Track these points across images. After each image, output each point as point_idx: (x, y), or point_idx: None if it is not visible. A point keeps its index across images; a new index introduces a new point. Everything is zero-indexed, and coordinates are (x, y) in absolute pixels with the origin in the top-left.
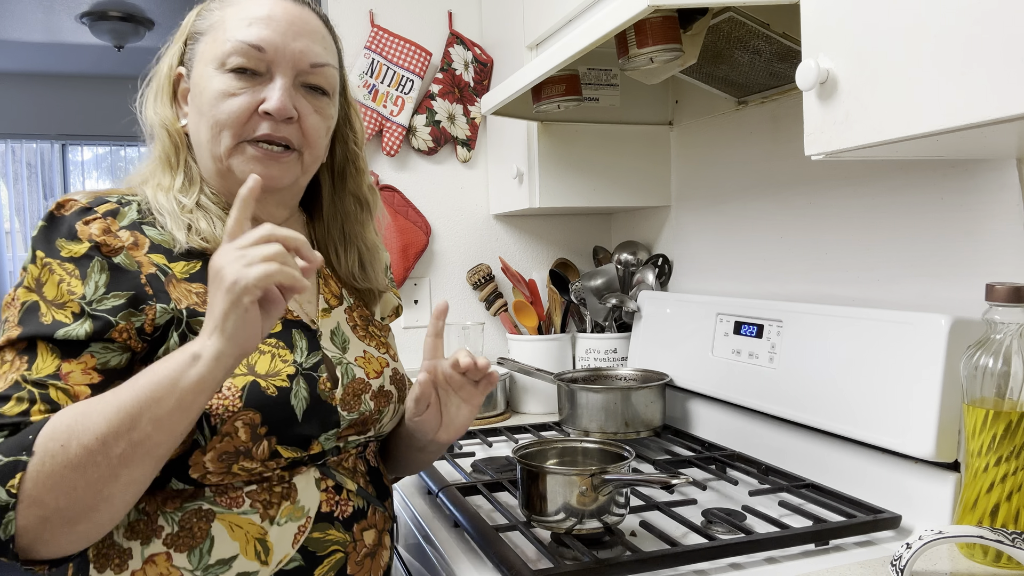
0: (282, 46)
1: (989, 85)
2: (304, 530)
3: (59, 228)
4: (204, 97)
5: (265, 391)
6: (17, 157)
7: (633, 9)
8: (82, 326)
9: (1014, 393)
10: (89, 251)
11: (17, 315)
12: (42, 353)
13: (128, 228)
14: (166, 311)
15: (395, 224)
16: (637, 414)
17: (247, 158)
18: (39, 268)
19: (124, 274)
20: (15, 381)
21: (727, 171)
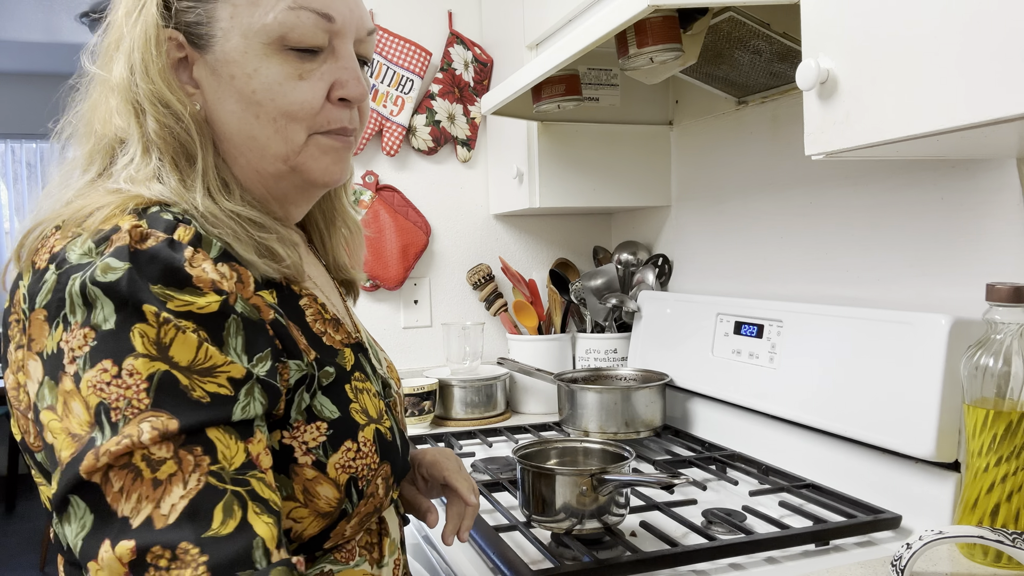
0: (347, 12)
1: (989, 85)
2: (399, 563)
3: (154, 267)
4: (256, 82)
5: (385, 437)
6: (17, 157)
7: (633, 9)
8: (252, 400)
9: (1014, 393)
10: (222, 307)
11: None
12: (219, 439)
13: (222, 259)
14: (299, 367)
15: (395, 224)
16: (637, 414)
17: (319, 151)
18: (155, 326)
19: (254, 328)
20: (206, 484)
21: (727, 171)
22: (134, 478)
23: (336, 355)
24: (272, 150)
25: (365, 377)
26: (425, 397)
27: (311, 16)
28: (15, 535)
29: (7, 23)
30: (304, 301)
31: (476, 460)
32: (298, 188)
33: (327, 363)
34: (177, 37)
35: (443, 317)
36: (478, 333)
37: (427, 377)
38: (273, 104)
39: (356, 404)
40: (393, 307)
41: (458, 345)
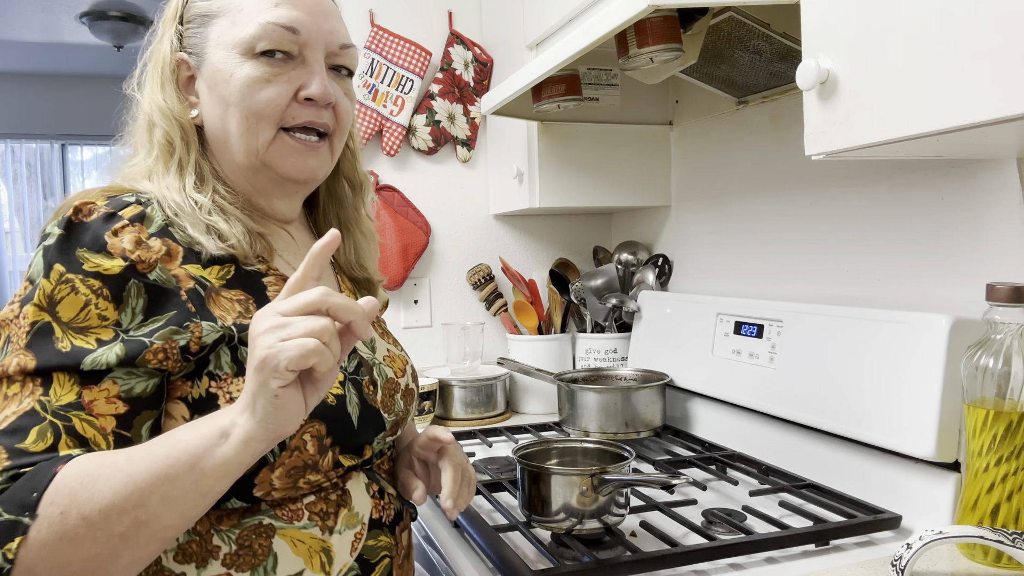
0: (314, 26)
1: (989, 85)
2: (360, 537)
3: (81, 237)
4: (232, 85)
5: (325, 401)
6: (17, 157)
7: (633, 9)
8: (111, 351)
9: (1014, 393)
10: (124, 271)
11: (25, 336)
12: (58, 378)
13: (158, 235)
14: (214, 329)
15: (395, 224)
16: (637, 414)
17: (287, 150)
18: (53, 283)
19: (163, 294)
20: (31, 409)
21: (727, 171)
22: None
23: None
24: (243, 145)
25: None
26: (425, 397)
27: (277, 29)
28: None
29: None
30: (269, 279)
31: (476, 460)
32: (274, 182)
33: None
34: (186, 59)
35: (443, 317)
36: (478, 333)
37: (427, 377)
38: (244, 103)
39: None
40: (393, 307)
41: (458, 345)
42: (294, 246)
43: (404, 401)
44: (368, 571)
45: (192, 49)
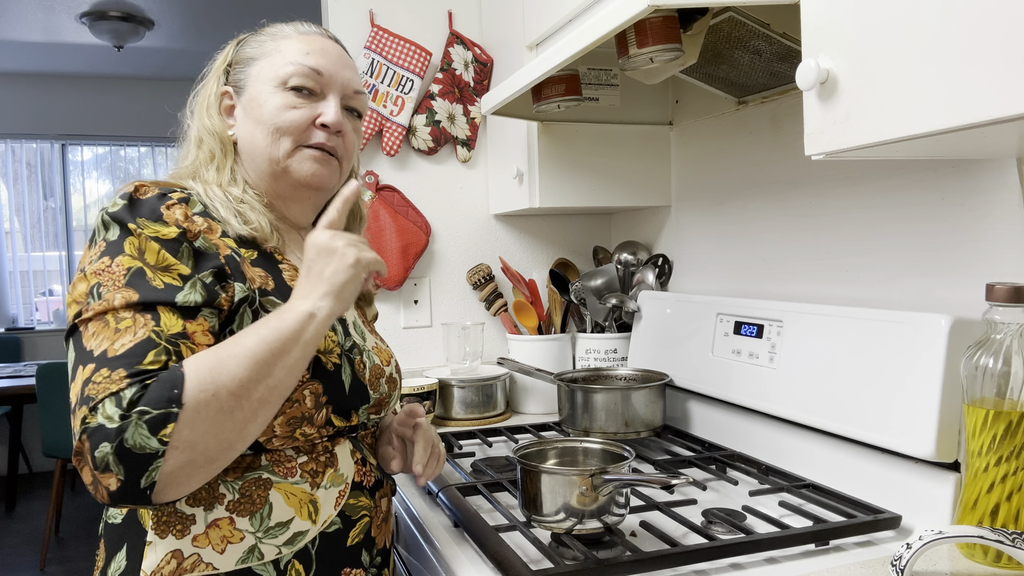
0: (335, 73)
1: (989, 85)
2: (344, 495)
3: (141, 209)
4: (265, 109)
5: (324, 365)
6: (17, 157)
7: (633, 9)
8: (194, 292)
9: (1014, 393)
10: (179, 236)
11: (123, 279)
12: (164, 314)
13: (200, 215)
14: (243, 289)
15: (395, 224)
16: (637, 414)
17: (304, 158)
18: (136, 238)
19: (206, 256)
20: (148, 337)
21: (727, 171)
22: (103, 327)
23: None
24: (270, 155)
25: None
26: (425, 397)
27: (306, 68)
28: (15, 535)
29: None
30: (283, 265)
31: (476, 460)
32: (292, 187)
33: (278, 299)
34: (229, 91)
35: (443, 317)
36: (478, 333)
37: (427, 377)
38: (272, 122)
39: None
40: (393, 307)
41: (458, 345)
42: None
43: (388, 386)
44: (349, 526)
45: (236, 84)
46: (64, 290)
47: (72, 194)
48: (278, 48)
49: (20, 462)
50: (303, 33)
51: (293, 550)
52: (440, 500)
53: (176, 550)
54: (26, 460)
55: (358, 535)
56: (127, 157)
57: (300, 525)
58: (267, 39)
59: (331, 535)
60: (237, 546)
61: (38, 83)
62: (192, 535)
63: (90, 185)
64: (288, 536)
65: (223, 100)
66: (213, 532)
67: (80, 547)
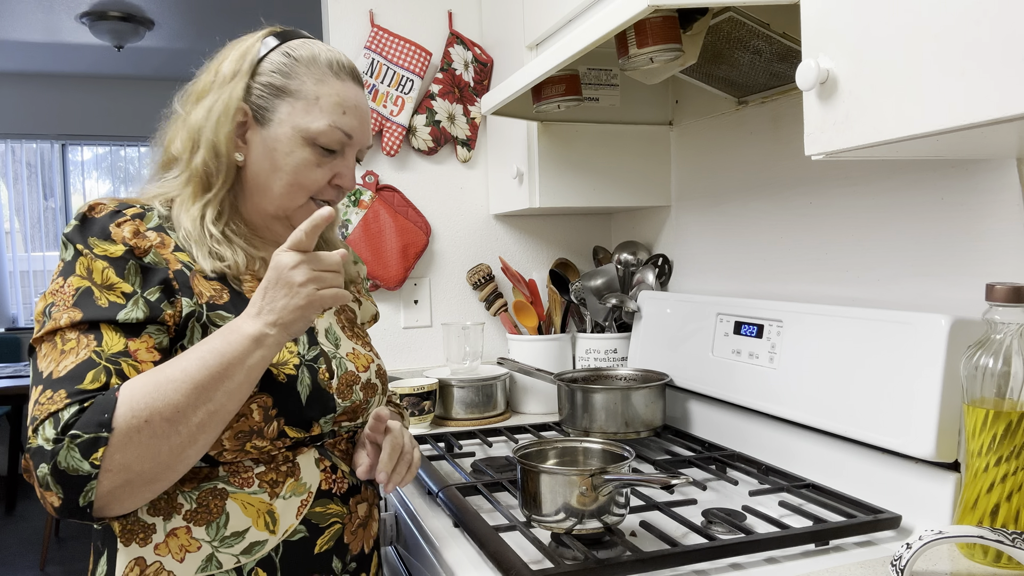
0: (360, 134)
1: (989, 85)
2: (306, 504)
3: (92, 228)
4: (288, 160)
5: (276, 377)
6: (17, 157)
7: (633, 9)
8: (136, 310)
9: (1014, 393)
10: (124, 254)
11: (72, 299)
12: (107, 332)
13: (155, 229)
14: (190, 304)
15: (395, 224)
16: (637, 414)
17: (309, 209)
18: (86, 259)
19: (154, 271)
20: (88, 357)
21: (727, 171)
22: (52, 348)
23: None
24: (278, 202)
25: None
26: (425, 397)
27: (340, 133)
28: (15, 535)
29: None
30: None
31: (476, 460)
32: (286, 228)
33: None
34: (248, 110)
35: (443, 317)
36: (478, 333)
37: (427, 377)
38: (294, 176)
39: None
40: (393, 307)
41: (458, 345)
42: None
43: (364, 393)
44: (317, 534)
45: (257, 108)
46: None
47: (72, 194)
48: (316, 95)
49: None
50: (340, 77)
51: (253, 559)
52: (440, 500)
53: (139, 557)
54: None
55: (327, 542)
56: (127, 157)
57: (257, 535)
58: (304, 72)
59: (296, 543)
60: (195, 555)
61: (38, 83)
62: (153, 543)
63: (90, 185)
64: (244, 545)
65: (237, 116)
66: (172, 541)
67: (80, 547)
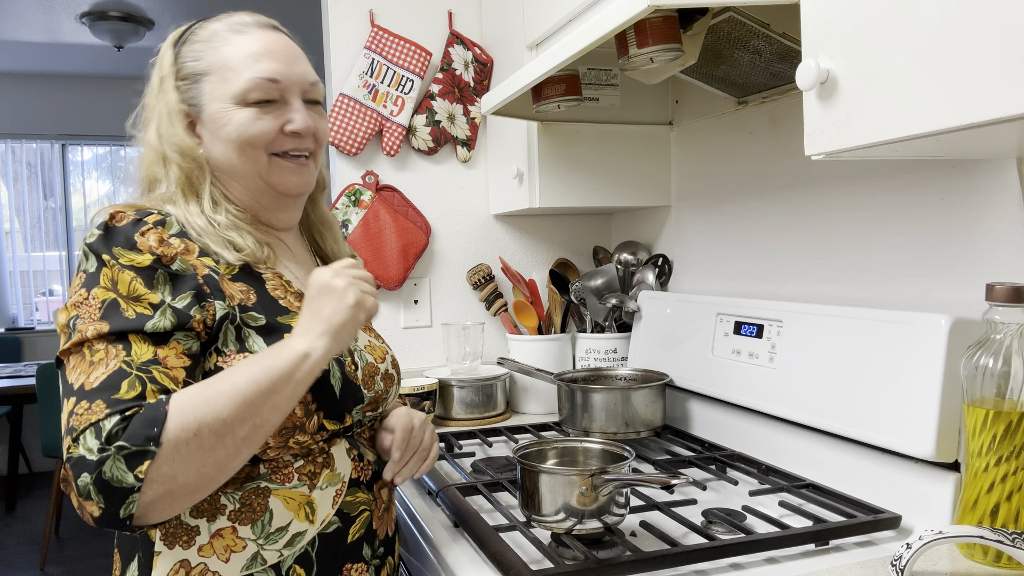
0: (289, 73)
1: (989, 85)
2: (341, 493)
3: (116, 238)
4: (230, 128)
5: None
6: (17, 157)
7: (633, 9)
8: (164, 319)
9: (1014, 393)
10: (152, 263)
11: (99, 311)
12: (135, 342)
13: (177, 236)
14: (223, 307)
15: (395, 224)
16: (637, 414)
17: (284, 171)
18: (110, 269)
19: (183, 279)
20: (119, 368)
21: (727, 171)
22: (80, 360)
23: (284, 312)
24: (247, 170)
25: None
26: (425, 397)
27: (261, 80)
28: (15, 535)
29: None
30: (267, 275)
31: (476, 460)
32: (275, 198)
33: (259, 313)
34: (186, 109)
35: (443, 317)
36: (478, 333)
37: (427, 377)
38: (241, 138)
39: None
40: (393, 307)
41: (458, 345)
42: (290, 253)
43: (384, 383)
44: (349, 524)
45: (190, 102)
46: (64, 290)
47: (72, 194)
48: (223, 60)
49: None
50: (240, 32)
51: (293, 551)
52: (440, 500)
53: (184, 560)
54: (26, 460)
55: (359, 530)
56: (127, 157)
57: (298, 526)
58: (205, 48)
59: (330, 535)
60: (240, 554)
61: (38, 83)
62: (197, 545)
63: (90, 185)
64: (287, 538)
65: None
66: (217, 542)
67: (80, 547)
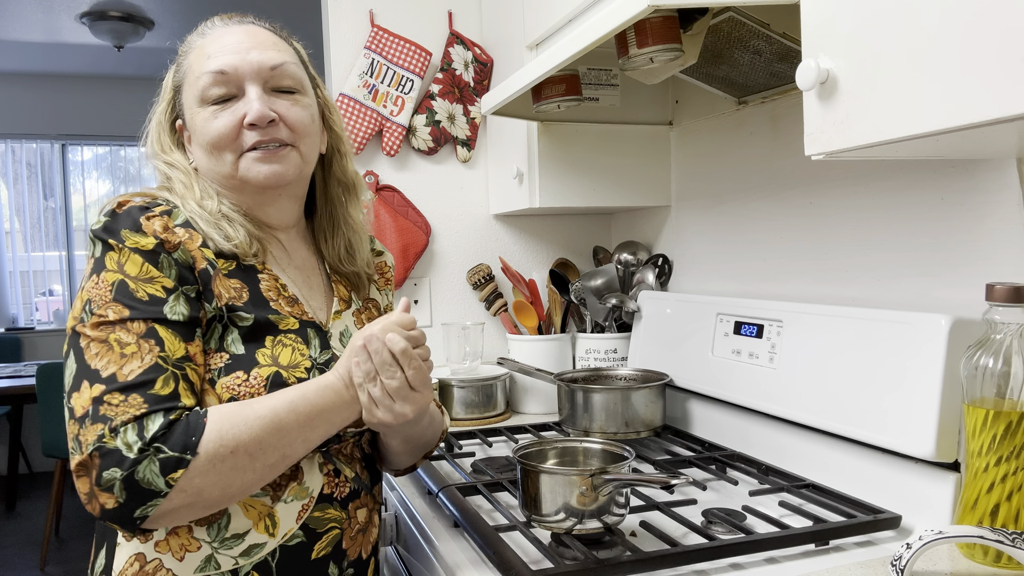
0: (240, 62)
1: (989, 85)
2: (307, 508)
3: (122, 221)
4: (199, 132)
5: (287, 381)
6: (17, 157)
7: (633, 9)
8: (179, 304)
9: (1014, 393)
10: (156, 247)
11: (110, 293)
12: (166, 337)
13: (182, 226)
14: (211, 309)
15: (395, 224)
16: (637, 414)
17: (250, 162)
18: (117, 252)
19: (187, 268)
20: (155, 363)
21: (727, 171)
22: (107, 349)
23: (274, 313)
24: (220, 172)
25: (302, 342)
26: None
27: (210, 76)
28: (15, 535)
29: (7, 23)
30: (263, 275)
31: (476, 460)
32: (257, 192)
33: (248, 312)
34: (180, 123)
35: (443, 317)
36: (478, 333)
37: None
38: (205, 141)
39: (267, 351)
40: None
41: (458, 345)
42: (284, 252)
43: None
44: (314, 539)
45: (180, 114)
46: (64, 290)
47: (72, 194)
48: (190, 64)
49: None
50: (204, 35)
51: (251, 562)
52: (440, 500)
53: (139, 553)
54: (26, 460)
55: (324, 547)
56: (127, 157)
57: (256, 538)
58: (182, 58)
59: (293, 548)
60: (195, 554)
61: (38, 83)
62: (154, 540)
63: (90, 185)
64: (244, 548)
65: (181, 133)
66: (173, 540)
67: (80, 547)
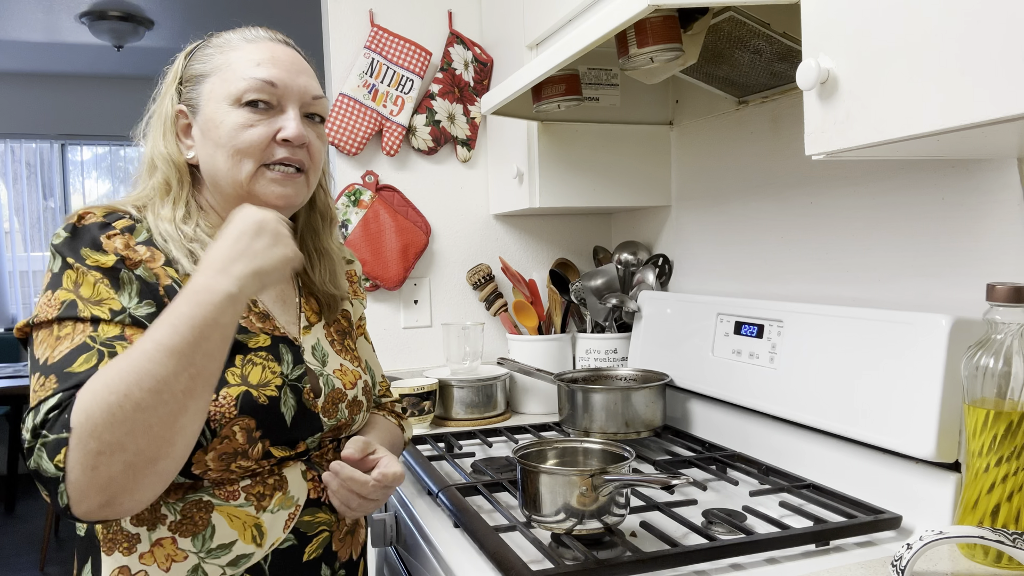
0: (290, 82)
1: (989, 85)
2: (294, 516)
3: (83, 238)
4: (222, 130)
5: (257, 400)
6: (17, 157)
7: (633, 9)
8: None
9: (1015, 393)
10: (116, 263)
11: (56, 311)
12: (104, 324)
13: (144, 244)
14: None
15: (395, 224)
16: (637, 414)
17: (268, 180)
18: (75, 272)
19: (148, 286)
20: (83, 342)
21: (727, 171)
22: (48, 335)
23: (243, 332)
24: (230, 177)
25: (273, 359)
26: (425, 397)
27: (258, 82)
28: (15, 535)
29: (7, 23)
30: None
31: (476, 460)
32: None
33: None
34: (184, 110)
35: (443, 317)
36: (478, 333)
37: (427, 377)
38: (231, 144)
39: (236, 369)
40: (393, 307)
41: (458, 345)
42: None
43: (350, 410)
44: (305, 542)
45: (189, 103)
46: None
47: (72, 194)
48: (227, 62)
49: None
50: (251, 41)
51: (239, 571)
52: (440, 500)
53: (124, 566)
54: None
55: (316, 550)
56: (127, 157)
57: (243, 548)
58: (215, 52)
59: (284, 551)
60: (181, 564)
61: (38, 83)
62: (138, 552)
63: (90, 185)
64: (231, 558)
65: (179, 120)
66: (158, 550)
67: None
